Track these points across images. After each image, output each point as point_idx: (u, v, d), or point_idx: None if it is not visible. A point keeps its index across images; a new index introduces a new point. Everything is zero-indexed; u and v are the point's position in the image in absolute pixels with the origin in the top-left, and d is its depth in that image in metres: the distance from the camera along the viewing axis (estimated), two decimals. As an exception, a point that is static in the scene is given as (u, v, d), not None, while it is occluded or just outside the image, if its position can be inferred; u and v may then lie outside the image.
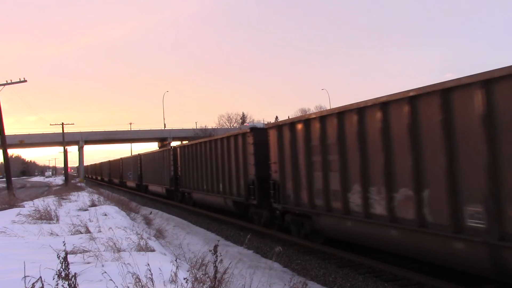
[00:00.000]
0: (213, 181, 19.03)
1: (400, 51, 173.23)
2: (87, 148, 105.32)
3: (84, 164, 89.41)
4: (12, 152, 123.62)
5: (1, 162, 44.69)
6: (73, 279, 4.36)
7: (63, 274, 4.37)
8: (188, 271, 6.54)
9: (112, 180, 57.81)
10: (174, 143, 59.43)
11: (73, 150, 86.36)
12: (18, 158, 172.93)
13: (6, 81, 33.50)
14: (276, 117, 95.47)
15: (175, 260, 6.43)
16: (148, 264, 5.42)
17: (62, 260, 4.47)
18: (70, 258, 5.21)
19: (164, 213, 22.03)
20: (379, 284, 8.49)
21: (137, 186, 39.27)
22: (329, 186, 10.44)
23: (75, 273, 4.49)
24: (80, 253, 7.62)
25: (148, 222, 16.12)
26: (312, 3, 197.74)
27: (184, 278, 5.29)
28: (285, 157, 12.49)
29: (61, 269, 4.40)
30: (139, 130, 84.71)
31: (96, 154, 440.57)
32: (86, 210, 16.55)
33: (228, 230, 16.07)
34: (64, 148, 63.99)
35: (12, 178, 34.41)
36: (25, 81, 34.19)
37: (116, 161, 54.33)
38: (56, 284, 4.28)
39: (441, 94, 7.28)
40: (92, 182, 68.06)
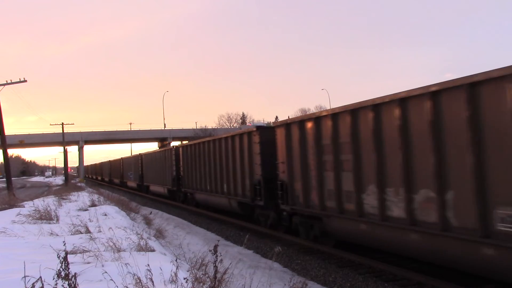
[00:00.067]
0: (217, 182, 18.55)
1: (400, 51, 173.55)
2: (87, 148, 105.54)
3: (84, 164, 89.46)
4: (12, 152, 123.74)
5: (1, 162, 44.68)
6: (73, 279, 4.37)
7: (63, 274, 4.37)
8: (188, 271, 6.54)
9: (113, 180, 57.75)
10: (174, 143, 59.52)
11: (73, 150, 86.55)
12: (18, 158, 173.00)
13: (6, 81, 33.62)
14: (276, 117, 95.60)
15: (175, 260, 6.42)
16: (148, 265, 5.42)
17: (62, 260, 4.47)
18: (70, 258, 5.21)
19: (164, 213, 22.03)
20: (379, 284, 8.48)
21: (138, 186, 39.10)
22: (342, 187, 10.02)
23: (75, 273, 4.49)
24: (80, 253, 7.63)
25: (148, 222, 16.11)
26: (312, 3, 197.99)
27: (184, 278, 5.29)
28: (293, 157, 12.09)
29: (61, 269, 4.40)
30: (139, 130, 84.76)
31: (96, 154, 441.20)
32: (86, 210, 16.56)
33: (228, 230, 16.07)
34: (64, 148, 64.04)
35: (12, 178, 34.42)
36: (25, 81, 34.24)
37: (117, 161, 54.24)
38: (56, 284, 4.28)
39: (467, 88, 6.79)
40: (92, 182, 68.05)
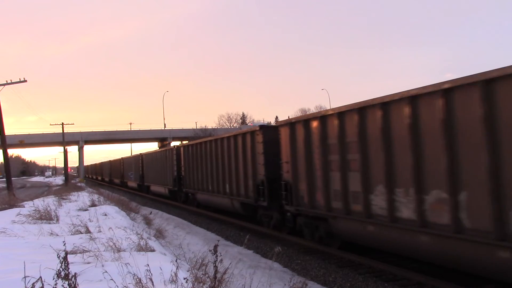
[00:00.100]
0: (219, 182, 18.36)
1: (400, 51, 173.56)
2: (87, 148, 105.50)
3: (84, 164, 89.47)
4: (12, 152, 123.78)
5: (1, 162, 44.72)
6: (73, 279, 4.37)
7: (63, 274, 4.37)
8: (188, 271, 6.53)
9: (113, 180, 57.71)
10: (174, 143, 59.49)
11: (73, 150, 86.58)
12: (18, 158, 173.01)
13: (6, 81, 33.60)
14: (276, 117, 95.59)
15: (175, 260, 6.44)
16: (148, 265, 5.42)
17: (62, 260, 4.47)
18: (70, 258, 5.21)
19: (164, 213, 22.03)
20: (379, 284, 8.48)
21: (139, 186, 39.03)
22: (348, 187, 9.81)
23: (75, 273, 4.49)
24: (80, 253, 7.63)
25: (148, 222, 16.11)
26: (312, 3, 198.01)
27: (184, 278, 5.29)
28: (298, 156, 11.85)
29: (61, 269, 4.40)
30: (139, 130, 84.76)
31: (96, 154, 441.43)
32: (86, 210, 16.56)
33: (228, 230, 16.07)
34: (64, 148, 64.05)
35: (12, 178, 34.42)
36: (25, 81, 34.24)
37: (117, 161, 54.17)
38: (56, 284, 4.28)
39: (482, 85, 6.54)
40: (92, 182, 68.03)
